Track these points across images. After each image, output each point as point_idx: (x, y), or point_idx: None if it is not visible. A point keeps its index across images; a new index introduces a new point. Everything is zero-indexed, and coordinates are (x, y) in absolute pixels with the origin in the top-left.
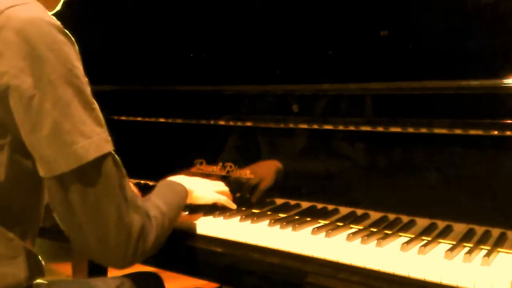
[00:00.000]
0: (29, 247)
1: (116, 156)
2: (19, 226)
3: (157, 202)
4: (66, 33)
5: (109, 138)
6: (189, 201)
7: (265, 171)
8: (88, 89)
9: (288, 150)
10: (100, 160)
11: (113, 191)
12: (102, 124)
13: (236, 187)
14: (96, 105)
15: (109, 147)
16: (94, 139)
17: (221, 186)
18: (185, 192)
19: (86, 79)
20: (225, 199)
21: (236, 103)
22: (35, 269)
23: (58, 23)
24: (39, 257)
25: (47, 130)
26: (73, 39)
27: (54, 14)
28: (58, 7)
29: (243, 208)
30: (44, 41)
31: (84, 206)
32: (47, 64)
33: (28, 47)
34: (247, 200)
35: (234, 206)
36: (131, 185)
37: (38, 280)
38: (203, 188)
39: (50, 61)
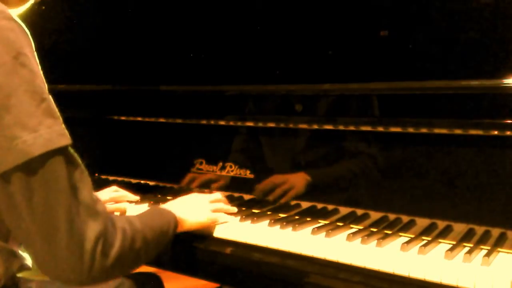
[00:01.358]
0: (1, 243)
1: (72, 152)
2: None
3: (132, 219)
4: (13, 19)
5: (64, 131)
6: (180, 229)
7: (294, 182)
8: (38, 79)
9: (288, 150)
10: (48, 156)
11: (63, 192)
12: (55, 116)
13: (236, 187)
14: (47, 95)
15: (63, 141)
16: (42, 132)
17: (217, 197)
18: (173, 219)
19: (38, 67)
20: (218, 220)
21: (236, 103)
22: (13, 264)
23: (4, 9)
24: (18, 251)
25: None
26: (23, 25)
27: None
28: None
29: (243, 208)
30: None
31: (30, 208)
32: None
33: None
34: (247, 200)
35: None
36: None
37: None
38: (197, 212)
39: None
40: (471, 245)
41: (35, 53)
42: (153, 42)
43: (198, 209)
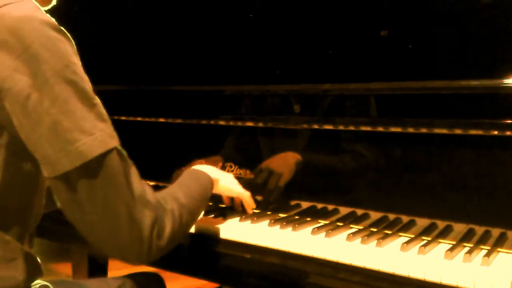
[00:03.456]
0: (26, 249)
1: (122, 151)
2: (16, 228)
3: (176, 193)
4: (61, 29)
5: (114, 133)
6: (215, 190)
7: (282, 166)
8: (87, 85)
9: (288, 150)
10: (104, 156)
11: (120, 187)
12: (105, 119)
13: None
14: (97, 100)
15: (114, 142)
16: (97, 135)
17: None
18: (210, 182)
19: (85, 75)
20: (247, 195)
21: (236, 103)
22: (34, 271)
23: (52, 20)
24: (37, 258)
25: (47, 130)
26: (68, 35)
27: (54, 12)
28: (54, 2)
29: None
30: (37, 39)
31: (93, 203)
32: (42, 62)
33: (22, 46)
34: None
35: (253, 206)
36: None
37: (38, 281)
38: (228, 179)
39: (45, 59)
40: (471, 245)
41: (79, 59)
42: (153, 43)
43: (229, 177)
